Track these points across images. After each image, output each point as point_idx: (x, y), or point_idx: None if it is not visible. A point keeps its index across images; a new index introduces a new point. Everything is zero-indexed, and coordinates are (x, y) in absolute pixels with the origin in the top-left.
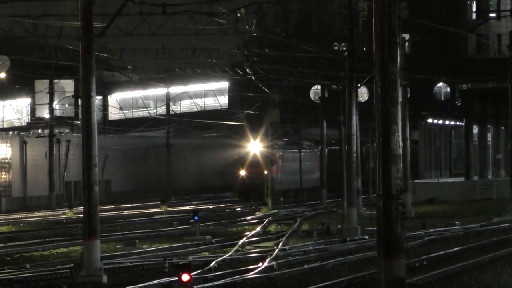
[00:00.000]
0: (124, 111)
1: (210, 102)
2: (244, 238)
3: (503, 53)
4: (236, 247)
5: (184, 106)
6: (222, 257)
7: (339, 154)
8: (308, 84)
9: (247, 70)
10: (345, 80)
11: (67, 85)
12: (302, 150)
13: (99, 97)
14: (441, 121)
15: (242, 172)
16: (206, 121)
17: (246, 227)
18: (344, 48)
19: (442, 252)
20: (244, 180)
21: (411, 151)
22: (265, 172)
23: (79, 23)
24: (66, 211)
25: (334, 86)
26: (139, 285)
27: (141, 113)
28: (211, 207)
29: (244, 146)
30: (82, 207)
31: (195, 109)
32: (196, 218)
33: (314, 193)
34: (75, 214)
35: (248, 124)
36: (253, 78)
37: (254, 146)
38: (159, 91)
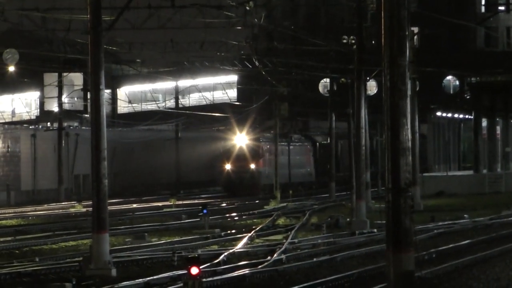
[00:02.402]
0: (133, 104)
1: (219, 96)
2: (253, 232)
3: None
4: (245, 240)
5: (193, 99)
6: (231, 250)
7: (335, 148)
8: (317, 77)
9: (256, 63)
10: (354, 73)
11: (76, 78)
12: (291, 144)
13: (108, 91)
14: (450, 114)
15: (228, 166)
16: (214, 114)
17: (255, 220)
18: (353, 41)
19: (451, 246)
20: (230, 174)
21: (420, 145)
22: (252, 165)
23: (88, 16)
24: (75, 204)
25: (343, 79)
26: (148, 278)
27: (150, 106)
28: (220, 200)
29: (230, 139)
30: (91, 201)
31: (204, 103)
32: (205, 211)
33: (303, 188)
34: (84, 207)
35: (256, 117)
36: (263, 72)
37: (240, 139)
38: (168, 84)
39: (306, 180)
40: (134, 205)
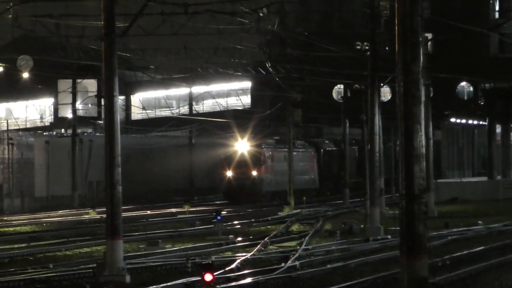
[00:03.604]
0: (147, 111)
1: (233, 102)
2: (267, 238)
3: None
4: (258, 247)
5: (206, 105)
6: (245, 257)
7: (338, 155)
8: (330, 83)
9: (270, 70)
10: (367, 80)
11: (90, 85)
12: (294, 150)
13: (122, 97)
14: (464, 120)
15: (229, 173)
16: (228, 120)
17: (268, 226)
18: (366, 48)
19: (465, 252)
20: (231, 181)
21: (434, 151)
22: (253, 172)
23: (102, 23)
24: (89, 210)
25: (356, 85)
26: (162, 285)
27: (164, 112)
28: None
29: (232, 145)
30: (105, 207)
31: (218, 109)
32: (218, 217)
33: (305, 195)
34: (98, 213)
35: (269, 124)
36: (276, 78)
37: (242, 145)
38: (182, 90)
39: (309, 187)
40: (148, 212)
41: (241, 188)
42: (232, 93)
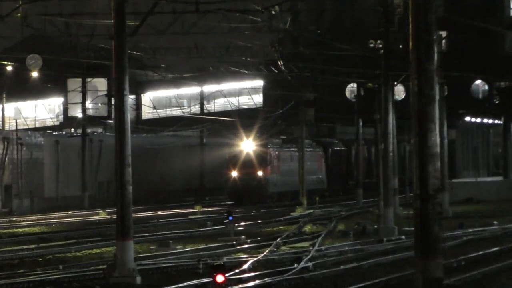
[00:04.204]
0: (158, 110)
1: (245, 101)
2: (279, 239)
3: None
4: (271, 248)
5: (218, 105)
6: (257, 258)
7: (347, 156)
8: (343, 82)
9: (282, 68)
10: (381, 79)
11: (100, 84)
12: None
13: (132, 96)
14: (478, 119)
15: (234, 173)
16: (239, 119)
17: (281, 227)
18: (380, 46)
19: (480, 253)
20: (236, 182)
21: (448, 150)
22: (259, 172)
23: (112, 21)
24: (99, 211)
25: (370, 84)
26: (173, 287)
27: (175, 112)
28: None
29: (237, 144)
30: (115, 207)
31: (229, 108)
32: (230, 218)
33: (314, 195)
34: (108, 214)
35: (281, 123)
36: (289, 77)
37: (247, 145)
38: (193, 89)
39: (317, 188)
40: (159, 212)
41: (246, 189)
42: (243, 92)
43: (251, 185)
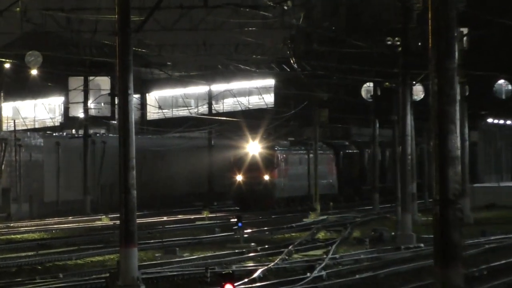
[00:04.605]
0: (164, 110)
1: (255, 101)
2: (291, 246)
3: None
4: (282, 256)
5: (227, 105)
6: (268, 266)
7: (359, 159)
8: (359, 81)
9: (294, 67)
10: (398, 78)
11: (103, 82)
12: (311, 152)
13: (137, 95)
14: (501, 120)
15: (239, 177)
16: (250, 120)
17: (293, 234)
18: (398, 43)
19: (503, 262)
20: (241, 186)
21: (469, 153)
22: (266, 176)
23: (116, 17)
24: (102, 216)
25: (387, 83)
26: None
27: (182, 112)
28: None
29: (243, 146)
30: (118, 213)
31: (239, 108)
32: (239, 224)
33: (324, 200)
34: (111, 220)
35: (293, 124)
36: (302, 76)
37: (253, 147)
38: (201, 89)
39: (328, 193)
40: (165, 218)
41: (251, 193)
42: (254, 91)
43: (257, 189)
